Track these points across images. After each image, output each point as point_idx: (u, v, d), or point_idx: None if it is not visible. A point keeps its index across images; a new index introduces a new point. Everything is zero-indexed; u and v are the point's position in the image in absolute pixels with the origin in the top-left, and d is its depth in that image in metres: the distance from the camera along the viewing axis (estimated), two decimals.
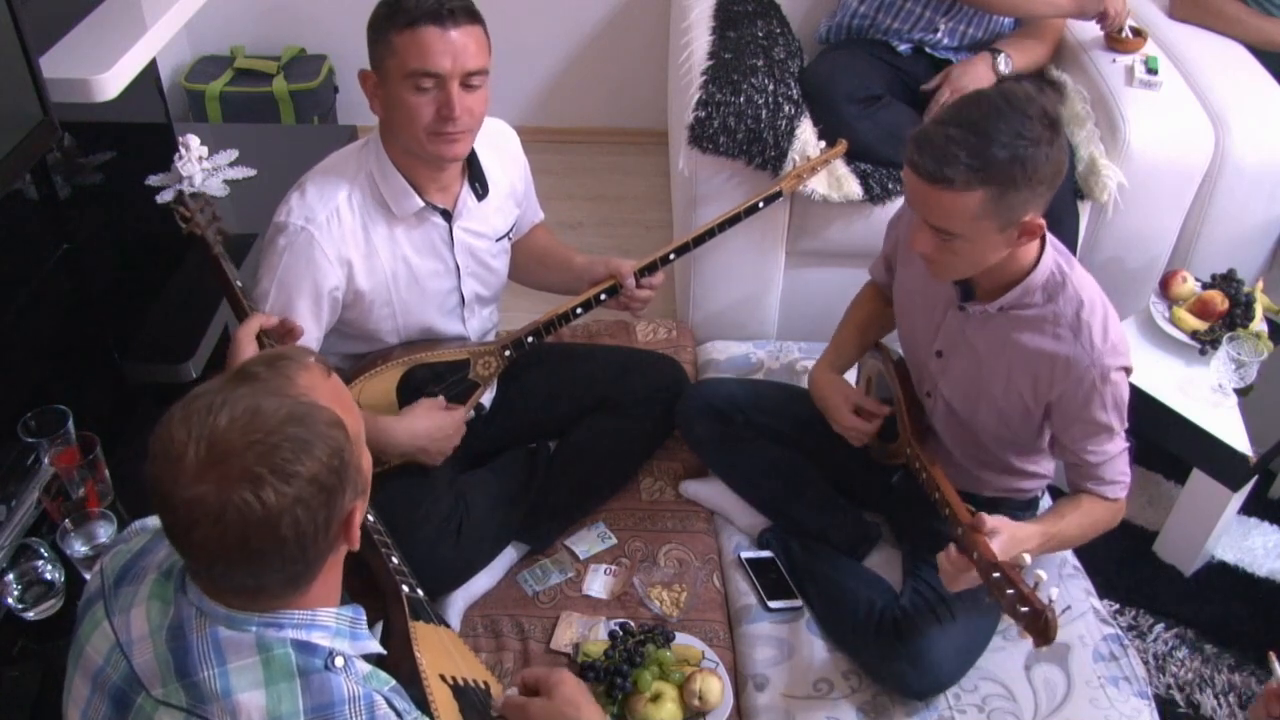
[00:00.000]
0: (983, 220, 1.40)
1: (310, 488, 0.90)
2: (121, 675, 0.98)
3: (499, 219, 1.85)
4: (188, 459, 0.88)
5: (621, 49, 3.41)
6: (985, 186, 1.37)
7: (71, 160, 2.04)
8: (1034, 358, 1.55)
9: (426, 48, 1.54)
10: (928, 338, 1.70)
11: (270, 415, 0.90)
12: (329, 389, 0.98)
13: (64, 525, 1.52)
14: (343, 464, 0.93)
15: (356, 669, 0.99)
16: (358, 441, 0.98)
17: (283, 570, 0.94)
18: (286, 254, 1.63)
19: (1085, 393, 1.53)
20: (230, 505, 0.87)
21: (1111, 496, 1.62)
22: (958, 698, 1.66)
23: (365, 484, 1.00)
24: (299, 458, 0.89)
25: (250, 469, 0.88)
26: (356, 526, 0.98)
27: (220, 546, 0.90)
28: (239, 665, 0.94)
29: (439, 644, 1.36)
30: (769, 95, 2.21)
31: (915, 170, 1.41)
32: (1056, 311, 1.53)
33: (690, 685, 1.62)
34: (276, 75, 3.24)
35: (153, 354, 1.98)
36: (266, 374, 0.94)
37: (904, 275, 1.77)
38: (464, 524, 1.80)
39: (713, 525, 1.99)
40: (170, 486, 0.89)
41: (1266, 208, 2.36)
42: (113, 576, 1.05)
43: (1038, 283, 1.53)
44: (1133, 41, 2.48)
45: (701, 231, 1.97)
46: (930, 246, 1.48)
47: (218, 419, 0.89)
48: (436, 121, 1.58)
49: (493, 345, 1.88)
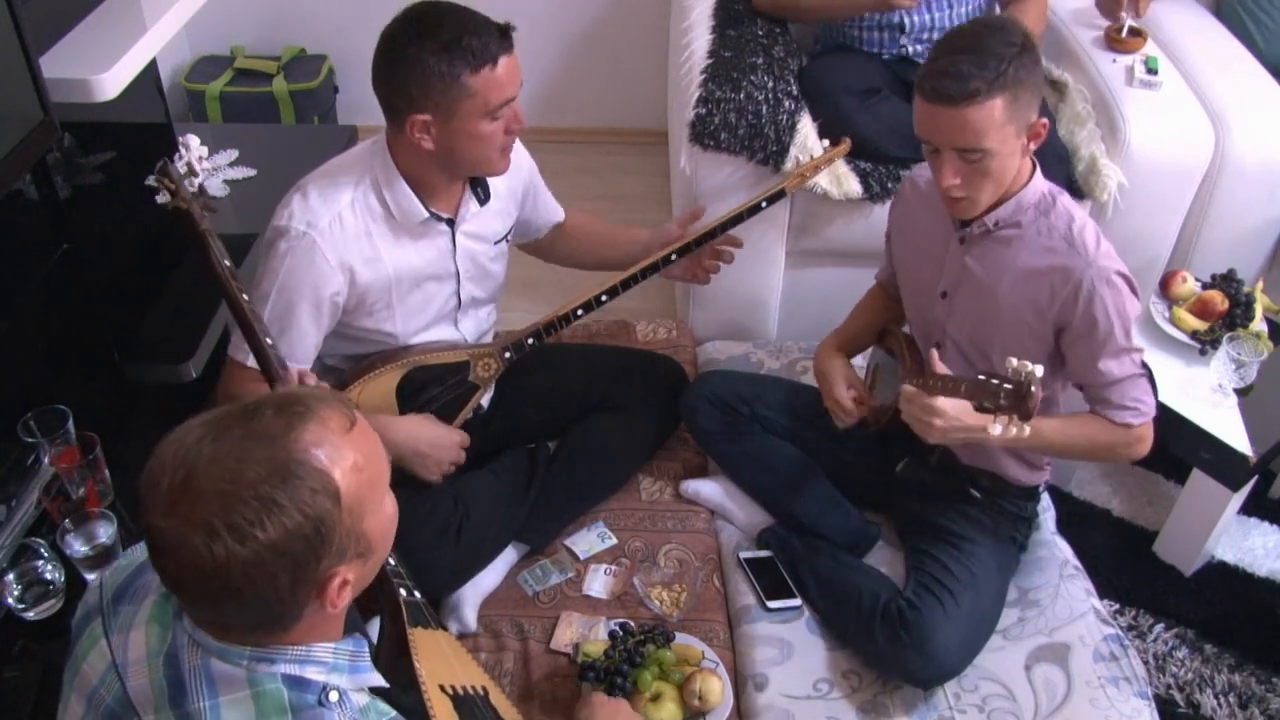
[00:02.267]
0: (1007, 126, 1.49)
1: (268, 553, 0.86)
2: (115, 698, 0.96)
3: (499, 222, 1.86)
4: (162, 487, 0.87)
5: (621, 49, 3.42)
6: (1003, 92, 1.47)
7: (71, 160, 2.04)
8: (1032, 275, 1.60)
9: (507, 79, 1.58)
10: (933, 282, 1.73)
11: (252, 465, 0.86)
12: (347, 443, 0.92)
13: (64, 525, 1.52)
14: (319, 532, 0.88)
15: (352, 702, 0.96)
16: (362, 504, 0.93)
17: (244, 617, 0.91)
18: (288, 258, 1.62)
19: (1085, 300, 1.55)
20: (186, 545, 0.86)
21: (1120, 421, 1.60)
22: (958, 697, 1.66)
23: (366, 548, 0.95)
24: (261, 520, 0.85)
25: (208, 519, 0.85)
26: (337, 591, 0.92)
27: (179, 579, 0.89)
28: (230, 699, 0.93)
29: (437, 650, 1.35)
30: (769, 91, 2.21)
31: (939, 97, 1.48)
32: (1050, 225, 1.60)
33: (690, 685, 1.62)
34: (276, 75, 3.24)
35: (153, 354, 1.98)
36: (271, 418, 0.90)
37: (904, 239, 1.82)
38: (464, 525, 1.80)
39: (713, 525, 1.99)
40: (145, 508, 0.89)
41: (1266, 208, 2.36)
42: (111, 592, 1.03)
43: (1030, 200, 1.60)
44: (1133, 41, 2.48)
45: (713, 226, 1.96)
46: (957, 174, 1.53)
47: (202, 453, 0.87)
48: (507, 137, 1.63)
49: (493, 347, 1.88)
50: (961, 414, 1.51)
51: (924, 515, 1.81)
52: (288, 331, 1.64)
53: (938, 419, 1.51)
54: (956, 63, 1.47)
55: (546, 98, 3.49)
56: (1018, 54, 1.48)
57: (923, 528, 1.81)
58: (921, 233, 1.76)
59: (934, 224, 1.72)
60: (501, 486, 1.89)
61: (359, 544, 0.94)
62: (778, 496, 1.93)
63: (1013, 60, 1.47)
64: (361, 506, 0.93)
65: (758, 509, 1.97)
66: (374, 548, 0.97)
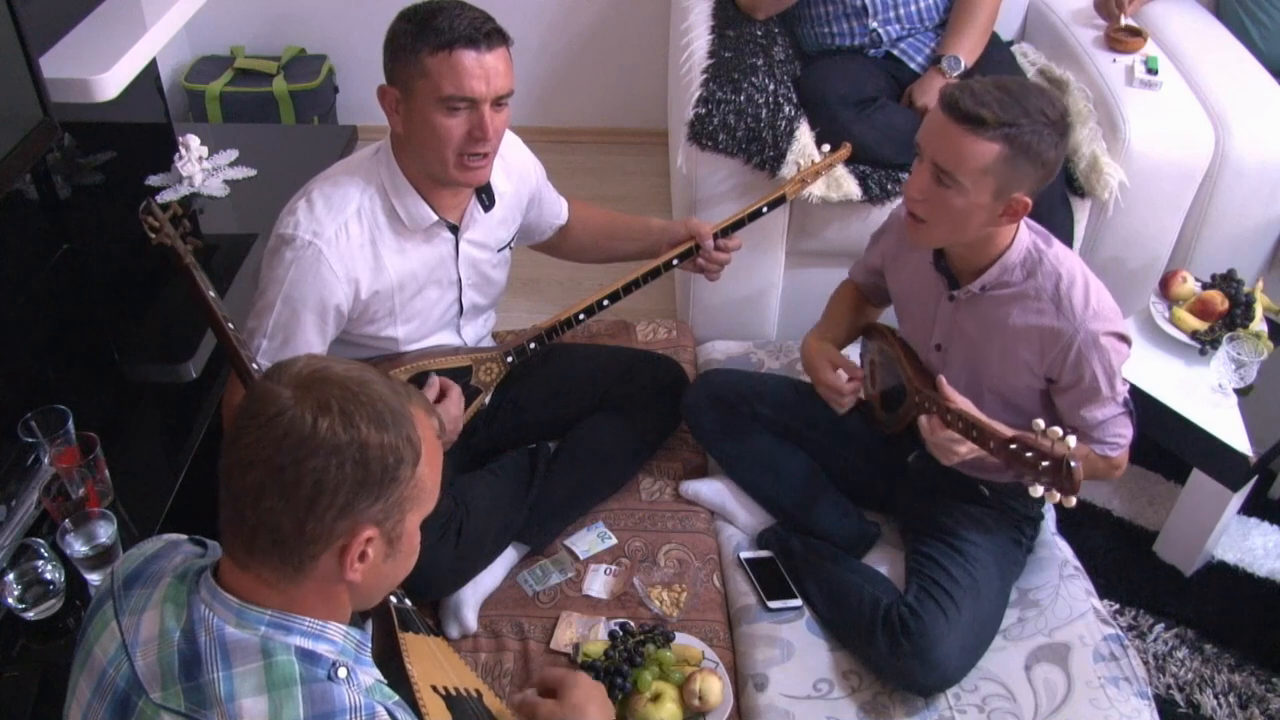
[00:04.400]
0: (987, 176, 1.48)
1: (356, 451, 0.92)
2: (124, 677, 0.97)
3: (503, 230, 1.85)
4: (295, 368, 0.96)
5: (621, 49, 3.42)
6: (1004, 143, 1.46)
7: (71, 160, 2.04)
8: (1022, 334, 1.61)
9: (464, 72, 1.52)
10: (926, 333, 1.74)
11: (374, 387, 0.96)
12: (432, 443, 1.01)
13: (64, 525, 1.51)
14: (391, 469, 0.95)
15: (359, 680, 0.98)
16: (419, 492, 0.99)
17: (274, 532, 0.93)
18: (293, 268, 1.60)
19: (1075, 361, 1.58)
20: (287, 413, 0.92)
21: (1100, 453, 1.68)
22: (958, 697, 1.66)
23: (396, 537, 0.99)
24: (368, 421, 0.93)
25: (326, 399, 0.93)
26: (357, 556, 0.96)
27: (255, 453, 0.92)
28: (243, 670, 0.94)
29: (429, 654, 1.35)
30: (769, 95, 2.21)
31: (948, 105, 1.48)
32: (1037, 286, 1.60)
33: (690, 685, 1.62)
34: (276, 75, 3.24)
35: (153, 354, 1.98)
36: (396, 382, 1.01)
37: (899, 279, 1.81)
38: (464, 525, 1.80)
39: (713, 525, 1.99)
40: (266, 379, 0.96)
41: (1266, 208, 2.36)
42: (123, 578, 1.04)
43: (1015, 260, 1.60)
44: (1133, 41, 2.48)
45: (715, 230, 1.97)
46: (923, 188, 1.54)
47: (336, 364, 0.98)
48: (467, 142, 1.57)
49: (495, 351, 1.88)
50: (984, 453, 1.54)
51: (929, 514, 1.81)
52: (292, 341, 1.63)
53: (962, 448, 1.56)
54: (987, 91, 1.47)
55: (546, 98, 3.49)
56: (1044, 126, 1.45)
57: (926, 526, 1.81)
58: (911, 276, 1.77)
59: (924, 273, 1.72)
60: (502, 487, 1.89)
61: (398, 525, 0.98)
62: (778, 496, 1.93)
63: (1036, 128, 1.45)
64: (418, 495, 0.99)
65: (758, 509, 1.97)
66: (401, 548, 1.01)
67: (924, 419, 1.60)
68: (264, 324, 1.63)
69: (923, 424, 1.60)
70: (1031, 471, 1.42)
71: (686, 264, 1.99)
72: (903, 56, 2.42)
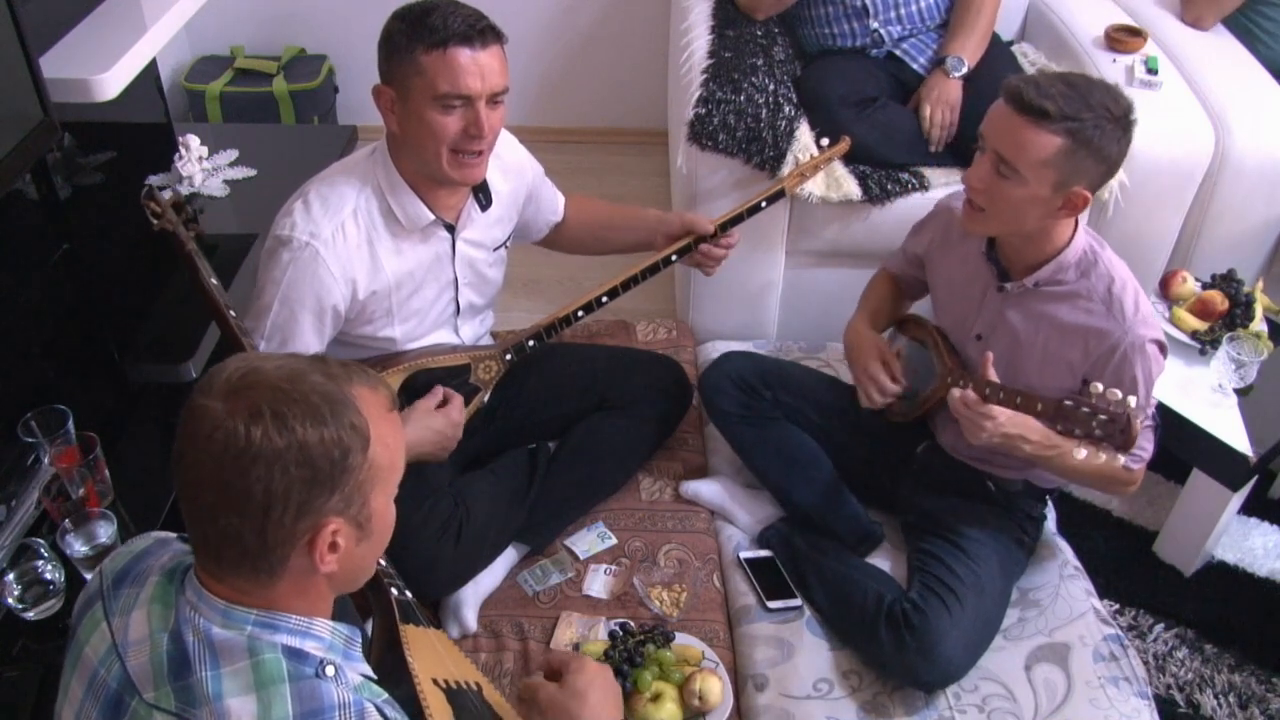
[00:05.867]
0: (1047, 169, 1.48)
1: (296, 453, 0.91)
2: (116, 678, 0.97)
3: (499, 229, 1.85)
4: (223, 375, 0.94)
5: (621, 49, 3.42)
6: (1067, 137, 1.46)
7: (71, 160, 2.04)
8: (1069, 332, 1.61)
9: (459, 70, 1.52)
10: (968, 323, 1.74)
11: (310, 380, 0.94)
12: (384, 419, 0.99)
13: (64, 525, 1.52)
14: (339, 462, 0.93)
15: (348, 678, 0.98)
16: (377, 474, 0.98)
17: (237, 544, 0.93)
18: (291, 269, 1.61)
19: (1118, 363, 1.59)
20: (222, 427, 0.90)
21: (1122, 464, 1.65)
22: (958, 697, 1.66)
23: (366, 521, 0.98)
24: (303, 421, 0.91)
25: (257, 405, 0.91)
26: (327, 546, 0.96)
27: (199, 472, 0.92)
28: (231, 669, 0.94)
29: (429, 647, 1.36)
30: (769, 95, 2.21)
31: (1012, 97, 1.49)
32: (1089, 287, 1.60)
33: (690, 685, 1.62)
34: (276, 75, 3.24)
35: (153, 354, 1.98)
36: (334, 365, 0.99)
37: (943, 266, 1.82)
38: (464, 525, 1.80)
39: (713, 525, 1.99)
40: (198, 391, 0.94)
41: (1266, 208, 2.36)
42: (111, 577, 1.04)
43: (1071, 260, 1.61)
44: (1133, 41, 2.48)
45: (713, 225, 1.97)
46: (983, 177, 1.55)
47: (266, 362, 0.95)
48: (462, 139, 1.57)
49: (494, 350, 1.88)
50: (1020, 426, 1.55)
51: (932, 511, 1.81)
52: (290, 341, 1.64)
53: (989, 422, 1.56)
54: (1051, 84, 1.47)
55: (546, 98, 3.49)
56: (1107, 121, 1.47)
57: (929, 524, 1.81)
58: (957, 265, 1.77)
59: (972, 262, 1.72)
60: (502, 487, 1.89)
61: (363, 510, 0.97)
62: (789, 486, 1.92)
63: (1099, 123, 1.46)
64: (376, 477, 0.98)
65: (758, 509, 1.97)
66: (372, 529, 1.00)
67: (956, 392, 1.59)
68: (262, 325, 1.63)
69: (954, 397, 1.59)
70: (1084, 427, 1.44)
71: (684, 258, 1.99)
72: (905, 57, 2.41)
